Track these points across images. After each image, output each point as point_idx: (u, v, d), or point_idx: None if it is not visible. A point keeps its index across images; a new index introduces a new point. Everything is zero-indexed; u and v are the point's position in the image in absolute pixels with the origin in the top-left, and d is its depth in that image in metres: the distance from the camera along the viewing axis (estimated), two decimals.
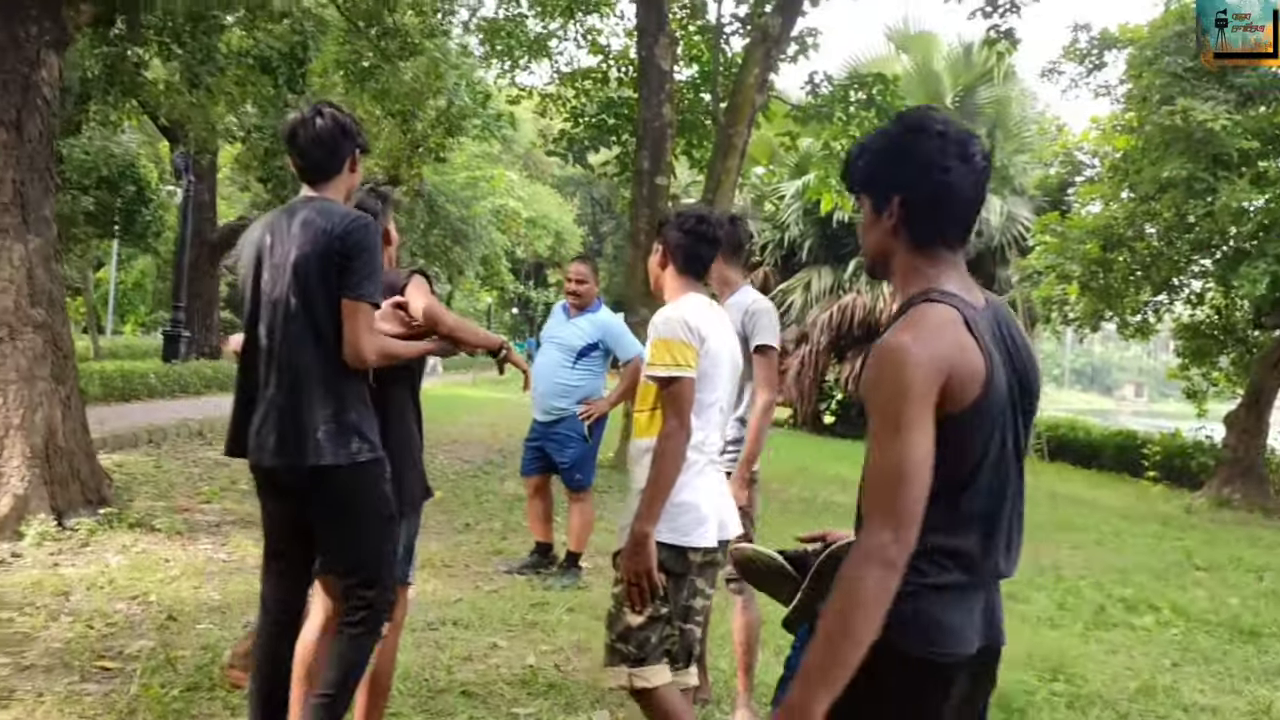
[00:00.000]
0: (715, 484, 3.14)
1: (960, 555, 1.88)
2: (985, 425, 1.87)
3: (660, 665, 3.00)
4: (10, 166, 6.82)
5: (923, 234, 1.98)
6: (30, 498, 6.54)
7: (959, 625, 1.88)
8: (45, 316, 6.88)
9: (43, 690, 3.94)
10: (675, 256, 3.30)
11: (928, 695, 1.88)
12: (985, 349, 1.86)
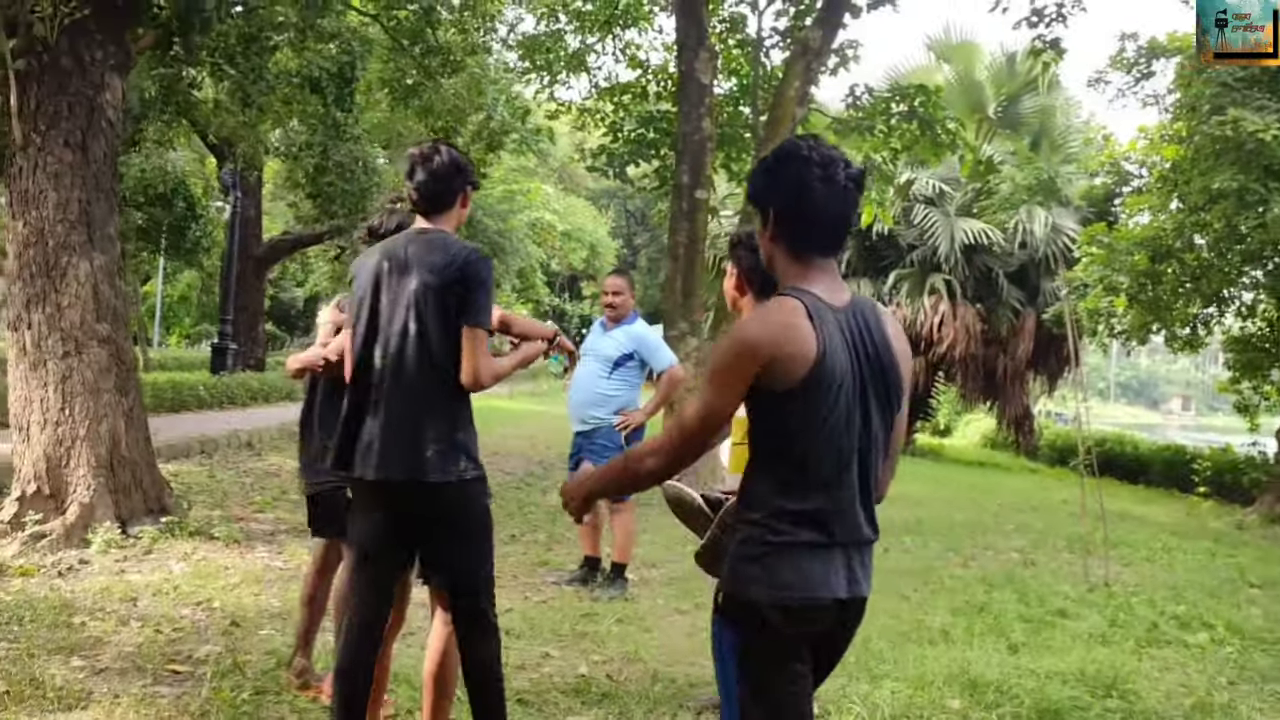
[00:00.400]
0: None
1: (807, 517, 2.26)
2: (819, 401, 2.22)
3: None
4: (76, 186, 7.03)
5: (794, 243, 2.34)
6: (96, 506, 6.72)
7: (811, 577, 2.26)
8: (110, 331, 7.08)
9: (118, 692, 4.07)
10: (752, 281, 3.27)
11: (784, 636, 2.28)
12: (821, 337, 2.21)
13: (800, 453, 2.26)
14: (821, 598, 2.27)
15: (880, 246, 23.34)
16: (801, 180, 2.29)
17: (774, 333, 2.22)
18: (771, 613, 2.26)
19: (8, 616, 4.94)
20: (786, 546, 2.27)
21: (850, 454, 2.29)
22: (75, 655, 4.49)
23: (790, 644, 2.30)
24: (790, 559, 2.26)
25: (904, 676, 5.07)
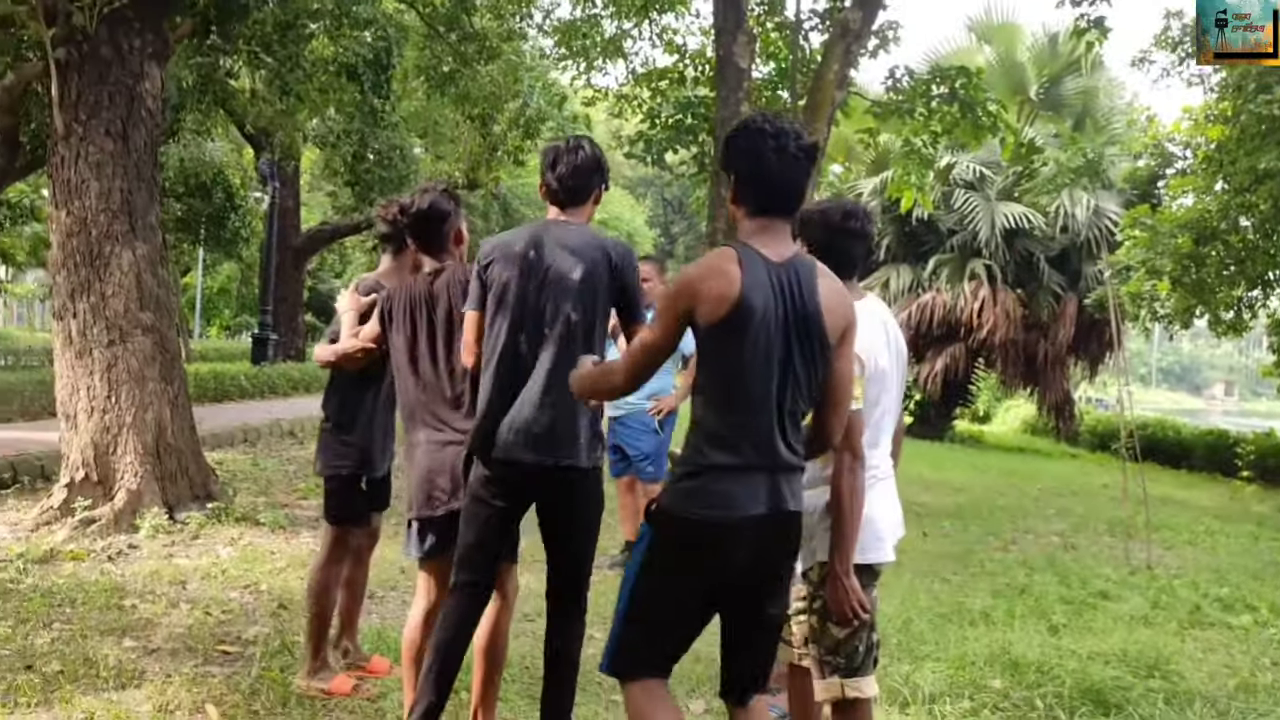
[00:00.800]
0: (889, 497, 3.15)
1: (729, 440, 2.58)
2: (739, 339, 2.54)
3: (870, 677, 3.07)
4: (118, 176, 7.12)
5: (750, 204, 2.66)
6: (144, 493, 6.82)
7: (734, 495, 2.56)
8: (153, 320, 7.17)
9: (170, 672, 4.14)
10: (823, 259, 3.02)
11: (710, 548, 2.59)
12: (744, 281, 2.52)
13: (722, 383, 2.60)
14: (733, 515, 2.56)
15: (920, 232, 23.12)
16: (757, 150, 2.61)
17: (703, 274, 2.58)
18: (690, 526, 2.58)
19: (60, 599, 5.03)
20: (710, 468, 2.59)
21: (768, 388, 2.58)
22: (127, 636, 4.57)
23: (696, 559, 2.61)
24: (712, 479, 2.58)
25: (945, 657, 5.05)
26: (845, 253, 3.13)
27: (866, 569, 3.05)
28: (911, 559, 7.85)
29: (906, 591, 6.50)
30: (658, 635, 2.73)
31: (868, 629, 3.07)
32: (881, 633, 5.46)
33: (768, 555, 2.67)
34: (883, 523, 3.10)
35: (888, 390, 3.14)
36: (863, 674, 3.06)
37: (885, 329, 3.16)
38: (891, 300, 23.02)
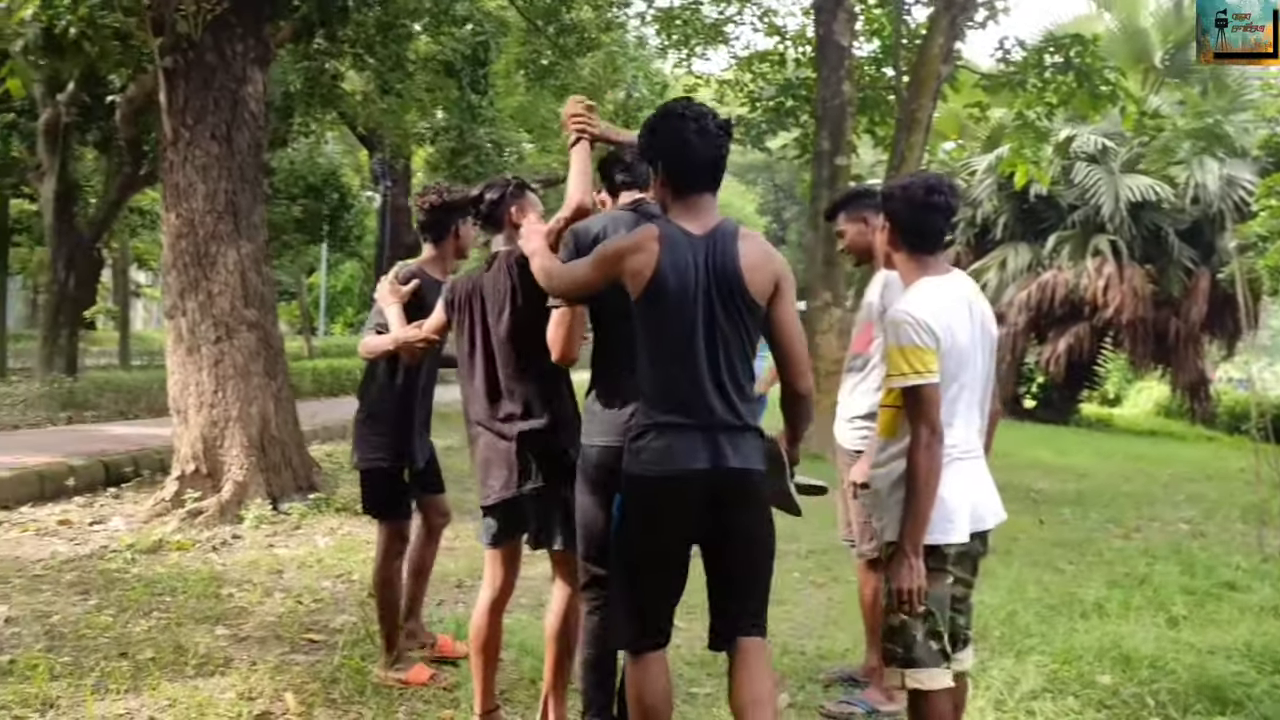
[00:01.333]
0: (966, 477, 3.00)
1: (664, 401, 2.77)
2: (660, 309, 2.75)
3: (938, 670, 2.95)
4: (223, 178, 7.32)
5: (677, 183, 2.83)
6: (249, 484, 7.01)
7: (673, 450, 2.73)
8: (258, 316, 7.36)
9: (256, 659, 4.21)
10: (906, 234, 3.06)
11: (660, 503, 2.77)
12: (662, 259, 2.72)
13: (653, 349, 2.80)
14: (673, 469, 2.73)
15: (1038, 209, 22.33)
16: (681, 134, 2.78)
17: (628, 249, 2.78)
18: (639, 483, 2.77)
19: (162, 588, 5.19)
20: (651, 427, 2.77)
21: (694, 350, 2.75)
22: (220, 624, 4.68)
23: (652, 516, 2.78)
24: (654, 437, 2.76)
25: (1050, 650, 4.80)
26: (928, 227, 3.06)
27: (933, 551, 2.92)
28: (1024, 547, 7.55)
29: (1014, 582, 6.23)
30: (642, 600, 2.84)
31: (925, 618, 2.93)
32: (984, 625, 5.27)
33: (721, 510, 2.79)
34: (955, 503, 2.94)
35: (966, 368, 3.00)
36: (922, 665, 2.93)
37: (969, 306, 3.03)
38: (1009, 280, 22.31)
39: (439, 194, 4.07)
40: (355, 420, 4.20)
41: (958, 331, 2.96)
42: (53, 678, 3.84)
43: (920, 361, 2.85)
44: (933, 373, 2.85)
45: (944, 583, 2.95)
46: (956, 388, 2.97)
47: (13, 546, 6.00)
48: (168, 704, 3.67)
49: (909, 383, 2.87)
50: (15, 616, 4.58)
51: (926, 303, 2.93)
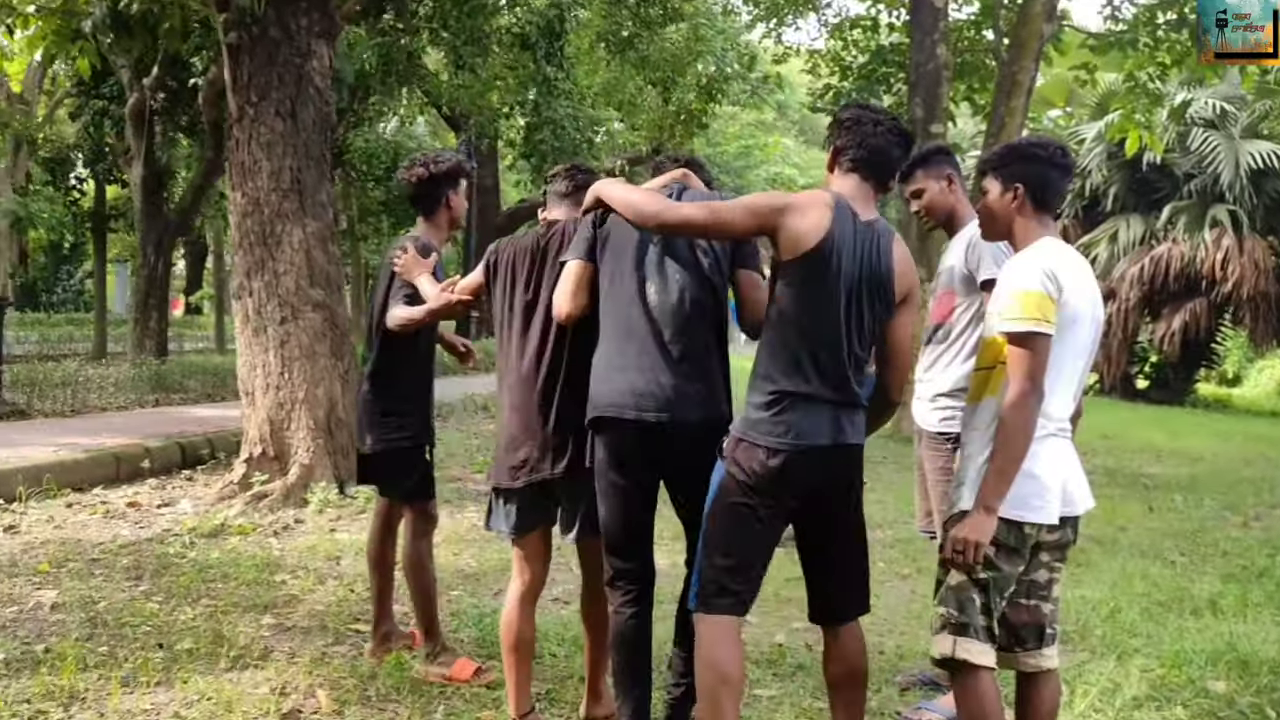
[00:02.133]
0: (1061, 454, 2.80)
1: (802, 371, 2.74)
2: (818, 279, 2.73)
3: (984, 645, 2.76)
4: (288, 155, 7.19)
5: (850, 167, 2.89)
6: (315, 467, 6.89)
7: (802, 425, 2.71)
8: (324, 296, 7.21)
9: (297, 651, 4.02)
10: (1034, 191, 2.87)
11: (778, 475, 2.72)
12: (831, 230, 2.72)
13: (798, 317, 2.75)
14: (800, 444, 2.70)
15: (1151, 178, 21.23)
16: (863, 125, 2.87)
17: (799, 206, 2.75)
18: (760, 453, 2.71)
19: (214, 574, 5.05)
20: (781, 395, 2.73)
21: (840, 328, 2.74)
22: (268, 613, 4.51)
23: (765, 486, 2.72)
24: (783, 409, 2.72)
25: (1157, 653, 4.35)
26: (1056, 190, 2.91)
27: (1015, 527, 2.72)
28: (1131, 537, 7.02)
29: (1119, 575, 5.75)
30: (735, 566, 2.78)
31: (982, 589, 2.75)
32: (1084, 623, 4.83)
33: (831, 484, 2.80)
34: (1051, 479, 2.73)
35: (1076, 339, 2.79)
36: (975, 638, 2.75)
37: (1090, 276, 2.86)
38: (1120, 253, 21.29)
39: (425, 165, 3.95)
40: (363, 400, 4.00)
41: (1079, 295, 2.77)
42: (84, 669, 3.69)
43: (1041, 309, 2.67)
44: (1051, 324, 2.68)
45: (1015, 566, 2.75)
46: (1060, 353, 2.75)
47: (78, 529, 5.95)
48: (196, 698, 3.48)
49: (1025, 327, 2.66)
50: (62, 603, 4.48)
51: (1054, 255, 2.77)
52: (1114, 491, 8.91)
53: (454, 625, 4.39)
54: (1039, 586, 2.84)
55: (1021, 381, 2.65)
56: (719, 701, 2.71)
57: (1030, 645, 2.87)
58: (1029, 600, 2.84)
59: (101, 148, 14.48)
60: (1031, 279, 2.70)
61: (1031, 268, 2.73)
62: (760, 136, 33.81)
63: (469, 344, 4.37)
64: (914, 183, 3.80)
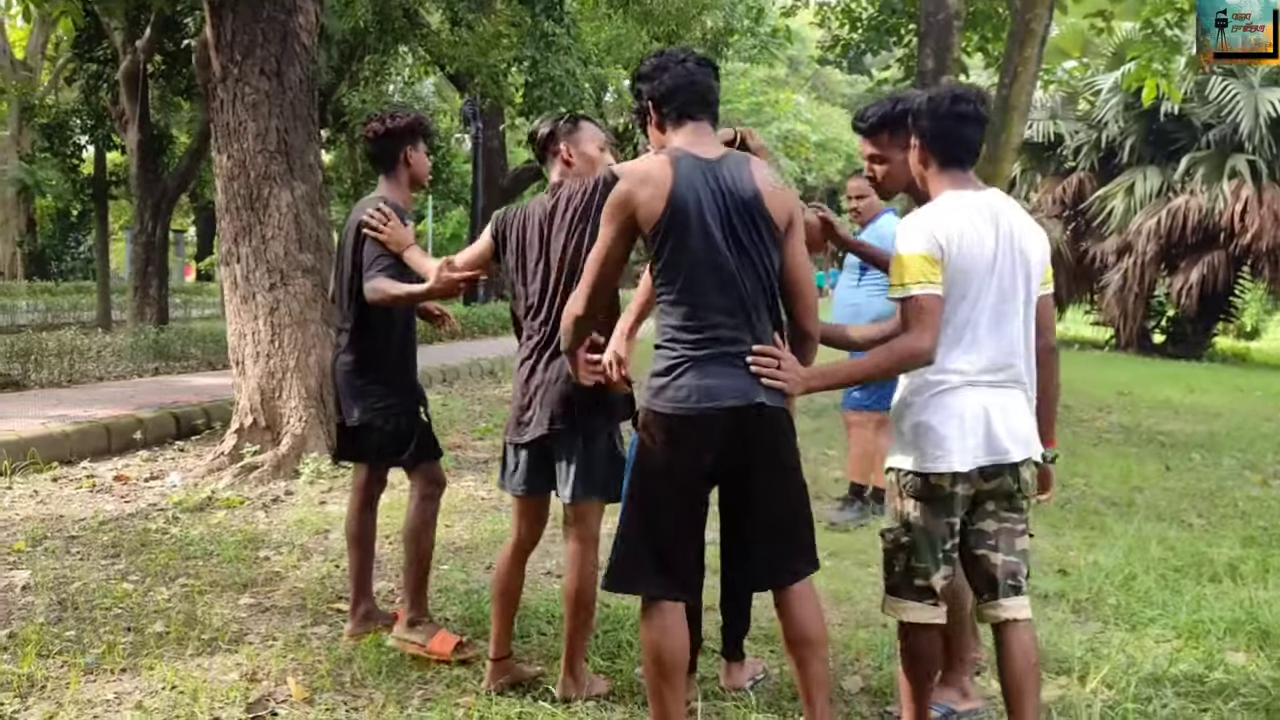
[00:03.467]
0: (973, 404, 2.77)
1: (696, 332, 2.69)
2: (683, 233, 2.67)
3: (915, 604, 2.84)
4: (274, 115, 6.96)
5: (675, 113, 2.82)
6: (308, 437, 6.72)
7: (709, 387, 2.66)
8: (313, 261, 7.01)
9: (273, 634, 3.86)
10: (936, 146, 2.87)
11: (690, 440, 2.69)
12: (676, 181, 2.67)
13: (682, 278, 2.69)
14: (709, 406, 2.62)
15: (1169, 129, 20.77)
16: (671, 66, 2.82)
17: (635, 182, 2.70)
18: (668, 421, 2.66)
19: (195, 551, 4.90)
20: (681, 360, 2.66)
21: (727, 273, 2.67)
22: (247, 592, 4.36)
23: (680, 453, 2.67)
24: (688, 373, 2.65)
25: (1173, 623, 4.17)
26: (957, 137, 2.86)
27: (922, 479, 2.77)
28: (1147, 499, 6.81)
29: (1134, 540, 5.54)
30: (657, 543, 2.73)
31: (906, 551, 2.83)
32: (1097, 591, 4.63)
33: (750, 443, 2.69)
34: (946, 430, 2.75)
35: (983, 288, 2.77)
36: (900, 596, 2.86)
37: (993, 221, 2.81)
38: (1137, 206, 20.87)
39: (381, 121, 3.88)
40: (343, 371, 3.88)
41: (967, 244, 2.75)
42: (46, 655, 3.54)
43: (921, 271, 2.70)
44: (935, 283, 2.70)
45: (938, 518, 2.79)
46: (968, 308, 2.76)
47: (61, 504, 5.81)
48: (161, 686, 3.33)
49: (905, 293, 2.72)
50: (34, 584, 4.32)
51: (936, 212, 2.79)
52: (1130, 450, 8.70)
53: (440, 602, 4.22)
54: (985, 536, 2.85)
55: (914, 338, 2.69)
56: (661, 690, 2.74)
57: (985, 596, 2.87)
58: (977, 550, 2.85)
59: (99, 112, 14.23)
60: (913, 243, 2.73)
61: (914, 230, 2.75)
62: (772, 93, 33.33)
63: (444, 309, 4.18)
64: (875, 147, 3.43)
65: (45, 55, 27.23)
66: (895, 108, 3.19)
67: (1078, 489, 7.10)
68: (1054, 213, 22.63)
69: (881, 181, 3.34)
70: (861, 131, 3.31)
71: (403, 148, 3.84)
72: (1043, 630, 4.10)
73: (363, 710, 3.21)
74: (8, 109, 25.22)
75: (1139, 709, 3.34)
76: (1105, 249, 21.60)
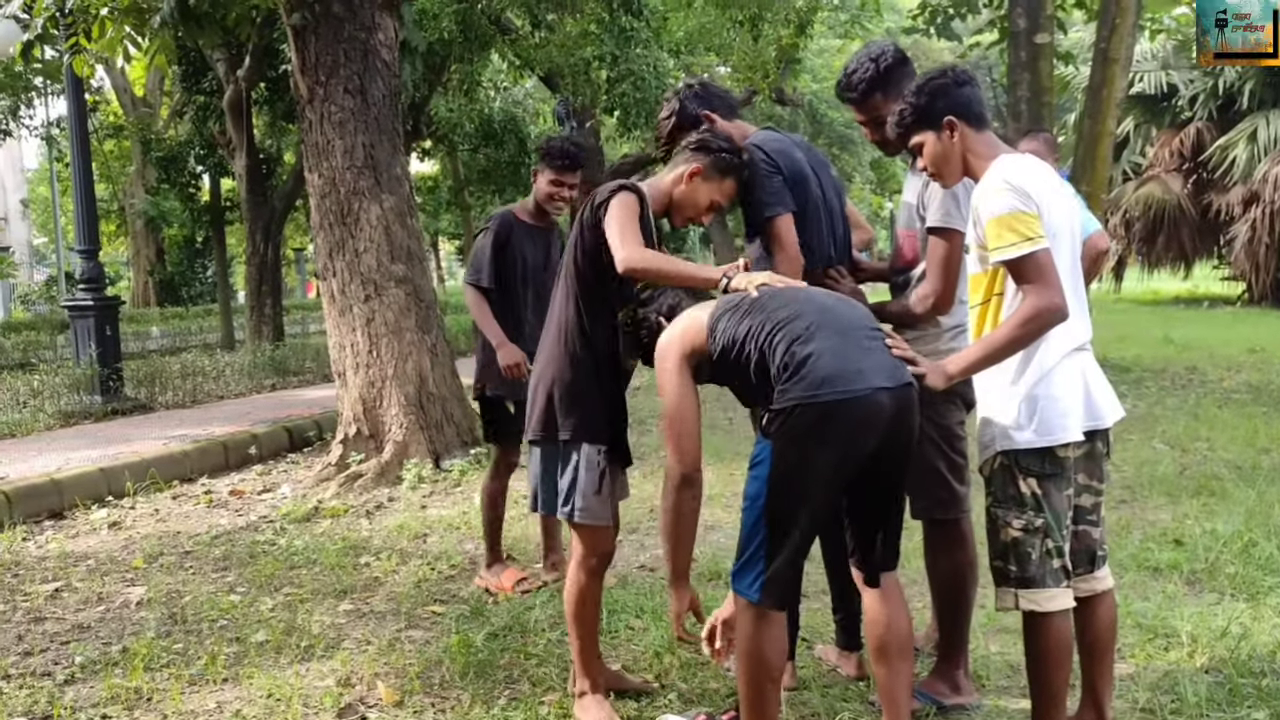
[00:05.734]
0: (1077, 370, 2.70)
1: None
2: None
3: (1055, 589, 2.68)
4: (360, 131, 7.13)
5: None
6: (409, 443, 6.87)
7: (859, 371, 2.51)
8: (406, 271, 7.17)
9: (369, 638, 3.95)
10: (968, 116, 2.78)
11: (843, 427, 2.50)
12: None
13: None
14: (859, 389, 2.45)
15: None
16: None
17: (684, 329, 2.78)
18: (819, 409, 2.45)
19: (299, 561, 5.04)
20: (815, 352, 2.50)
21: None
22: (346, 599, 4.47)
23: (833, 442, 2.46)
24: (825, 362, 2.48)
25: None
26: (978, 99, 2.83)
27: (1048, 454, 2.64)
28: (1274, 460, 6.48)
29: (1255, 504, 5.26)
30: (800, 551, 2.62)
31: (1042, 534, 2.67)
32: (1214, 560, 4.41)
33: (893, 429, 2.53)
34: (1068, 400, 2.65)
35: (1062, 251, 2.68)
36: (1039, 584, 2.67)
37: (1059, 184, 2.79)
38: (1261, 154, 19.85)
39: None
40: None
41: (1053, 202, 2.68)
42: (154, 668, 3.69)
43: (1028, 226, 2.56)
44: (1043, 238, 2.57)
45: (1063, 491, 2.68)
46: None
47: (179, 521, 6.06)
48: (259, 695, 3.44)
49: (1022, 251, 2.56)
50: (148, 599, 4.52)
51: (1015, 170, 2.66)
52: (1258, 410, 8.26)
53: (525, 604, 4.25)
54: (1085, 511, 2.78)
55: (1041, 297, 2.55)
56: (765, 695, 2.62)
57: (1081, 570, 2.79)
58: (1076, 525, 2.76)
59: (209, 142, 14.81)
60: (1005, 202, 2.60)
61: (1001, 191, 2.62)
62: None
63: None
64: (869, 108, 3.23)
65: (163, 91, 28.46)
66: (879, 67, 3.13)
67: (1199, 454, 6.78)
68: (1173, 166, 21.70)
69: (884, 142, 3.23)
70: (853, 101, 3.22)
71: (535, 166, 4.49)
72: (1152, 603, 3.94)
73: (450, 712, 3.26)
74: (130, 145, 26.44)
75: (1251, 684, 3.16)
76: (1230, 200, 20.58)
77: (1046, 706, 2.72)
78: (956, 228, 2.96)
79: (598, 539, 3.12)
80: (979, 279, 2.77)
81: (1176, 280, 25.37)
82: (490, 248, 4.46)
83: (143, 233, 27.93)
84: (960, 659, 3.21)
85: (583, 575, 3.12)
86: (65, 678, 3.64)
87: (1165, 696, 3.13)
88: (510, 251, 4.49)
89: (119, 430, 8.48)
